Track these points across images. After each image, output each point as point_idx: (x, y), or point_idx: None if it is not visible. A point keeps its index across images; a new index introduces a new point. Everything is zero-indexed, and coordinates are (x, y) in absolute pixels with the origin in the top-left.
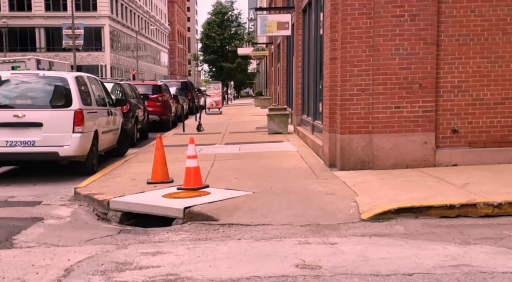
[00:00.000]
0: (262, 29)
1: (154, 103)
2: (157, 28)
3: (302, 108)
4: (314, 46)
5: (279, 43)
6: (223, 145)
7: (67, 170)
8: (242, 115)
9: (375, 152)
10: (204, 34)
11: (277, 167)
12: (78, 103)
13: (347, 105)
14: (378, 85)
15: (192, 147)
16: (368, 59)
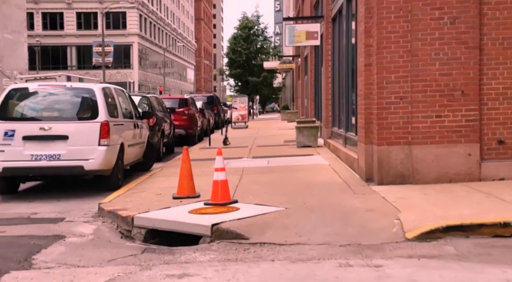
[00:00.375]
0: (290, 40)
1: (181, 116)
2: (184, 45)
3: (332, 120)
4: (346, 55)
5: (306, 55)
6: (251, 158)
7: (92, 185)
8: (269, 129)
9: (415, 165)
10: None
11: (309, 181)
12: (105, 115)
13: (384, 114)
14: (417, 93)
15: (219, 159)
16: (406, 64)
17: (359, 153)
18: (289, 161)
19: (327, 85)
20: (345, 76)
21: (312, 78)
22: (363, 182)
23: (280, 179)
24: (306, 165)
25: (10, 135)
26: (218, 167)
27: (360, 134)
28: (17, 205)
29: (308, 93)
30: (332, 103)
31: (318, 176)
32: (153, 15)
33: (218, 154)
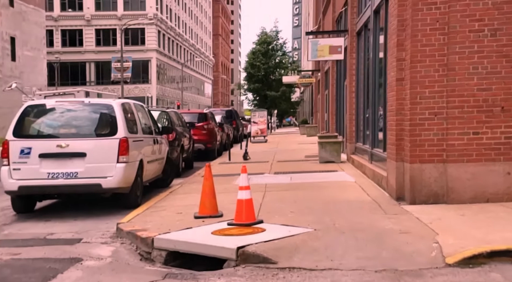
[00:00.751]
0: (313, 54)
1: (200, 131)
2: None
3: (356, 136)
4: (373, 70)
5: (327, 70)
6: (273, 174)
7: (110, 203)
8: (288, 143)
9: (450, 183)
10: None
11: (336, 200)
12: (124, 131)
13: (418, 131)
14: (453, 109)
15: (244, 177)
16: (441, 79)
17: (389, 170)
18: (313, 177)
19: (351, 99)
20: (372, 90)
21: (334, 92)
22: (393, 201)
23: (305, 197)
24: (331, 182)
25: (27, 153)
26: (243, 185)
27: (390, 151)
28: (33, 225)
29: (329, 108)
30: (356, 118)
31: (345, 194)
32: (172, 31)
33: (242, 171)
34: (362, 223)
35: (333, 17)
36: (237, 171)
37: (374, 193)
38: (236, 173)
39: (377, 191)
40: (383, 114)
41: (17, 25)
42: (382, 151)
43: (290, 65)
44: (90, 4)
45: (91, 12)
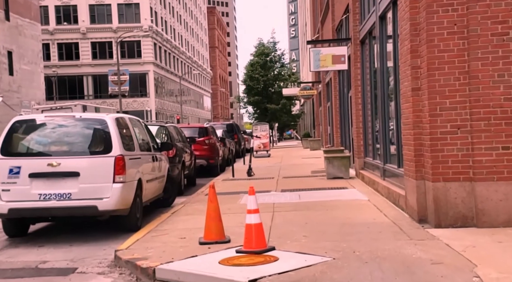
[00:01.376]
0: (315, 64)
1: (201, 146)
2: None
3: (365, 150)
4: (381, 80)
5: (328, 81)
6: (280, 192)
7: (108, 225)
8: (292, 157)
9: (479, 205)
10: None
11: (352, 222)
12: (119, 148)
13: (439, 146)
14: (479, 121)
15: (252, 199)
16: (463, 88)
17: (408, 189)
18: (323, 195)
19: (358, 112)
20: (381, 102)
21: (337, 104)
22: (415, 224)
23: (318, 218)
24: (343, 201)
25: (16, 173)
26: (251, 209)
27: (409, 168)
28: (25, 251)
29: (332, 120)
30: (363, 131)
31: (361, 215)
32: (168, 44)
33: (250, 193)
34: (385, 250)
35: (333, 25)
36: (242, 189)
37: (392, 214)
38: (241, 191)
39: (394, 211)
40: (395, 127)
41: (13, 39)
42: (396, 167)
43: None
44: (85, 17)
45: (86, 25)
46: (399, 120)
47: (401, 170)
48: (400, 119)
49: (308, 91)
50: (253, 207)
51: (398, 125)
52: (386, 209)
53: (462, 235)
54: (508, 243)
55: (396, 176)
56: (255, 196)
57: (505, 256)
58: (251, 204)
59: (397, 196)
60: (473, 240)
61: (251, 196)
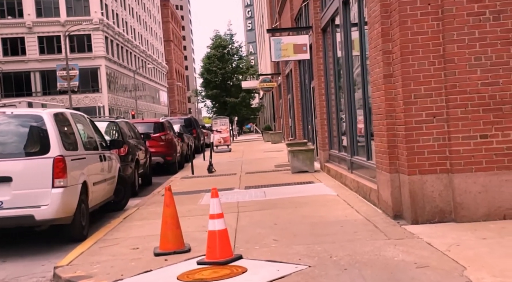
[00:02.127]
0: (276, 54)
1: (157, 142)
2: (155, 67)
3: (330, 142)
4: (346, 68)
5: (288, 73)
6: (244, 189)
7: (49, 236)
8: (254, 151)
9: (458, 198)
10: (205, 69)
11: (323, 220)
12: (58, 148)
13: (415, 136)
14: (455, 108)
15: (216, 203)
16: (438, 73)
17: (381, 183)
18: (289, 191)
19: (321, 103)
20: (347, 91)
21: (298, 96)
22: (390, 220)
23: (287, 217)
24: (311, 197)
25: None
26: (215, 213)
27: (381, 161)
28: None
29: (294, 112)
30: (328, 123)
31: (332, 212)
32: (120, 37)
33: (213, 195)
34: (365, 253)
35: (292, 15)
36: (203, 187)
37: (364, 210)
38: (202, 189)
39: (366, 206)
40: (363, 117)
41: None
42: (365, 160)
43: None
44: (30, 10)
45: (32, 18)
46: (367, 110)
47: (370, 162)
48: (368, 109)
49: (267, 83)
50: (216, 211)
51: (366, 115)
52: (357, 204)
53: (442, 232)
54: (493, 240)
55: (366, 169)
56: (218, 199)
57: (493, 256)
58: (215, 208)
59: (368, 190)
60: (455, 237)
61: (214, 199)
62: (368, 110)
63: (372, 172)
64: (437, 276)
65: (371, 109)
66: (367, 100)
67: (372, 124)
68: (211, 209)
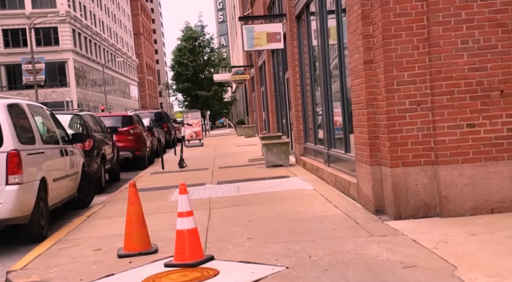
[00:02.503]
0: (249, 43)
1: (125, 137)
2: (124, 61)
3: (305, 135)
4: (322, 57)
5: (261, 65)
6: (216, 185)
7: (4, 237)
8: (227, 146)
9: (443, 191)
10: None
11: (301, 216)
12: (13, 141)
13: (398, 126)
14: (441, 95)
15: (184, 199)
16: (422, 58)
17: (361, 177)
18: (264, 186)
19: (296, 94)
20: (323, 81)
21: (272, 88)
22: (372, 216)
23: (262, 214)
24: (287, 191)
25: None
26: (184, 211)
27: (361, 153)
28: None
29: (267, 105)
30: (303, 115)
31: (309, 207)
32: (88, 30)
33: (181, 191)
34: (346, 252)
35: (264, 3)
36: (173, 182)
37: (343, 205)
38: (173, 185)
39: (345, 201)
40: (341, 108)
41: None
42: (343, 153)
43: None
44: None
45: None
46: (345, 101)
47: (349, 155)
48: (346, 99)
49: (240, 75)
50: (185, 208)
51: (344, 106)
52: (335, 199)
53: (428, 228)
54: (482, 236)
55: (344, 162)
56: (187, 195)
57: (485, 253)
58: (183, 205)
59: (347, 184)
60: (442, 234)
61: (183, 196)
62: (346, 101)
63: (350, 165)
64: (426, 277)
65: (349, 100)
66: (345, 90)
67: (352, 115)
68: (179, 206)
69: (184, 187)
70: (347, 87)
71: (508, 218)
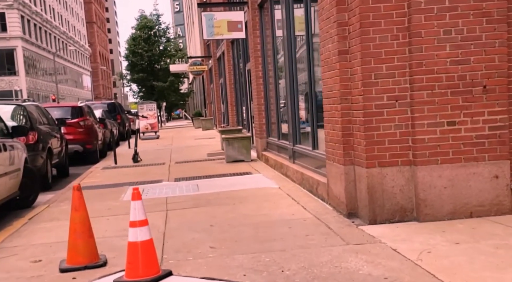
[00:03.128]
0: (208, 31)
1: (75, 129)
2: (77, 50)
3: (267, 129)
4: (288, 47)
5: (220, 56)
6: (173, 182)
7: None
8: (184, 138)
9: (421, 193)
10: (130, 51)
11: (268, 220)
12: None
13: (375, 123)
14: (421, 90)
15: (138, 206)
16: (402, 49)
17: (332, 176)
18: (225, 183)
19: (259, 86)
20: (289, 73)
21: (231, 80)
22: (344, 219)
23: (226, 217)
24: (250, 190)
25: None
26: (136, 220)
27: (333, 151)
28: None
29: (226, 98)
30: (266, 109)
31: (276, 209)
32: (38, 17)
33: (134, 197)
34: (323, 264)
35: None
36: (127, 179)
37: (312, 206)
38: (126, 182)
39: (314, 202)
40: (309, 101)
41: None
42: (310, 149)
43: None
44: None
45: None
46: (313, 94)
47: (317, 152)
48: (314, 92)
49: (198, 66)
50: (138, 217)
51: (312, 100)
52: (303, 199)
53: (406, 234)
54: (467, 245)
55: (311, 159)
56: (141, 201)
57: (475, 267)
58: (136, 213)
59: (315, 183)
60: (423, 242)
61: (136, 202)
62: (314, 94)
63: (318, 163)
64: None
65: (317, 93)
66: (313, 83)
67: (322, 109)
68: (132, 214)
69: (137, 192)
70: (315, 79)
71: (489, 223)
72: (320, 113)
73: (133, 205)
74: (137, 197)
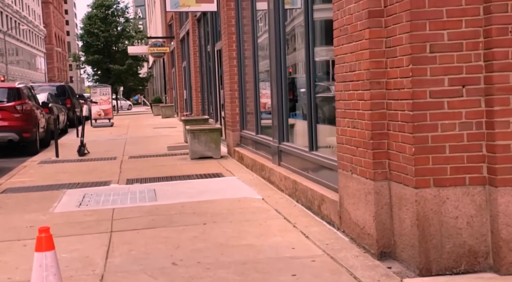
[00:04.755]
0: (173, 3)
1: (10, 114)
2: (30, 30)
3: (242, 120)
4: (276, 19)
5: (183, 37)
6: (124, 184)
7: None
8: (141, 127)
9: (504, 230)
10: (85, 31)
11: (257, 257)
12: None
13: (429, 120)
14: (503, 71)
15: (47, 263)
16: (474, 8)
17: (348, 194)
18: (191, 190)
19: (232, 70)
20: (275, 51)
21: (197, 63)
22: (374, 262)
23: (194, 248)
24: (225, 202)
25: None
26: None
27: (355, 158)
28: None
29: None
30: (240, 96)
31: (266, 236)
32: None
33: (40, 247)
34: None
35: None
36: (66, 178)
37: (317, 233)
38: (64, 183)
39: (317, 225)
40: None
41: None
42: (307, 150)
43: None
44: None
45: None
46: (310, 77)
47: (317, 154)
48: (313, 75)
49: (159, 48)
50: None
51: (310, 84)
52: (300, 219)
53: None
54: None
55: (308, 163)
56: (54, 252)
57: None
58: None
59: (316, 199)
60: None
61: (43, 254)
62: (313, 77)
63: (319, 170)
64: None
65: (317, 77)
66: (311, 63)
67: (335, 98)
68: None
69: (48, 237)
70: (315, 59)
71: None
72: (324, 102)
73: (38, 261)
74: (47, 247)
